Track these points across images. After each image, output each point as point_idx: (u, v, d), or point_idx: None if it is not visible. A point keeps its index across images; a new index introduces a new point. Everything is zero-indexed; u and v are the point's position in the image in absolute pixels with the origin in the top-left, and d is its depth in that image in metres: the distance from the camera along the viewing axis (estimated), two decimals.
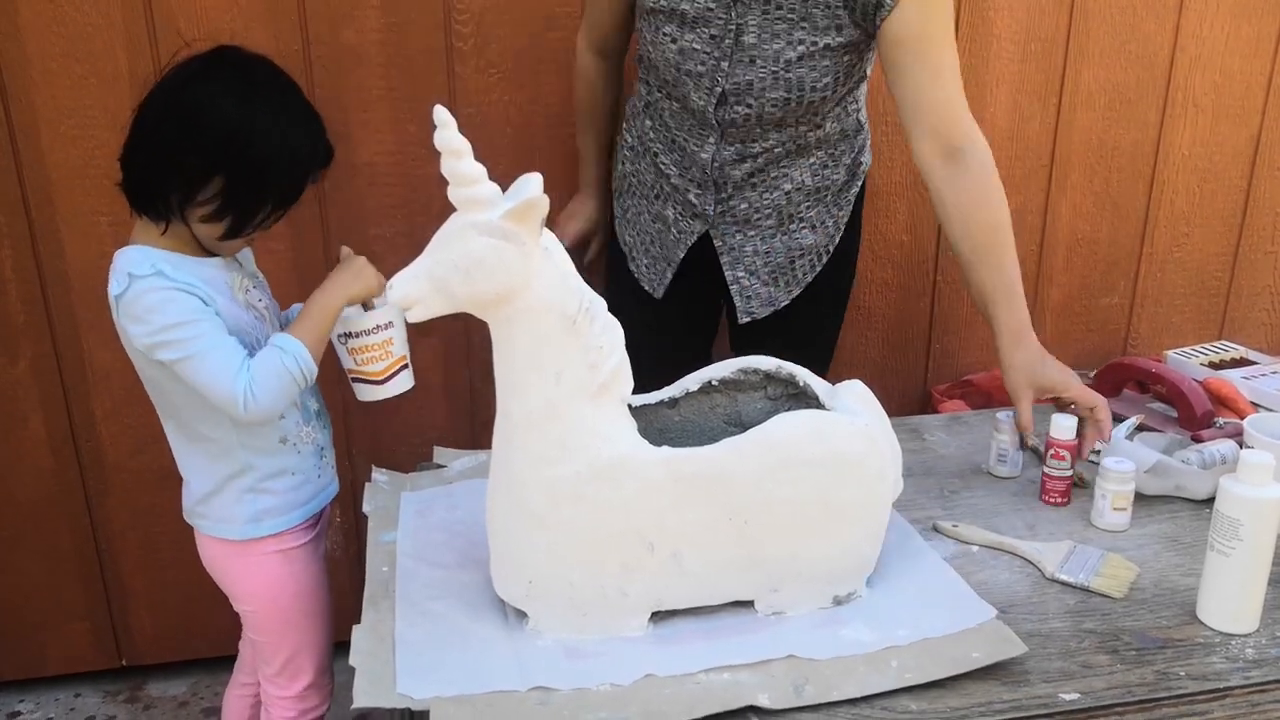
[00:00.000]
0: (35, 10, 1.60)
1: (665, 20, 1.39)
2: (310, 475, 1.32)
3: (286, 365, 1.16)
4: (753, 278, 1.56)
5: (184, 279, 1.15)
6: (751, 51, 1.36)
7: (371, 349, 1.24)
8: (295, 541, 1.33)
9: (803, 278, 1.58)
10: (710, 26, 1.36)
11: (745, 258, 1.55)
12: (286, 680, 1.38)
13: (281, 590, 1.33)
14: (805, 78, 1.37)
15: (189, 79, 1.15)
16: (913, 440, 1.49)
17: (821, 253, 1.58)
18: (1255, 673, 0.98)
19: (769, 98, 1.38)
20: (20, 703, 1.97)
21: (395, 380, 1.26)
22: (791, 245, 1.55)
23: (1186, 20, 2.03)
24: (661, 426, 1.11)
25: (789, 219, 1.53)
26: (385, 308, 1.24)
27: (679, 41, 1.38)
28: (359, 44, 1.73)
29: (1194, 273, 2.24)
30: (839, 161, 1.53)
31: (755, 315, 1.59)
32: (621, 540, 0.99)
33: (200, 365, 1.14)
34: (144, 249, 1.17)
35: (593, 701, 0.92)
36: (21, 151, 1.66)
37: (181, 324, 1.14)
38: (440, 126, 0.90)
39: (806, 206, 1.53)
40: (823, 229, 1.56)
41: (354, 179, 1.79)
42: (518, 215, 0.90)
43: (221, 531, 1.30)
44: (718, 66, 1.38)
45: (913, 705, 0.93)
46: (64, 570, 1.90)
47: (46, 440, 1.82)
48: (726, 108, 1.41)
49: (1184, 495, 1.31)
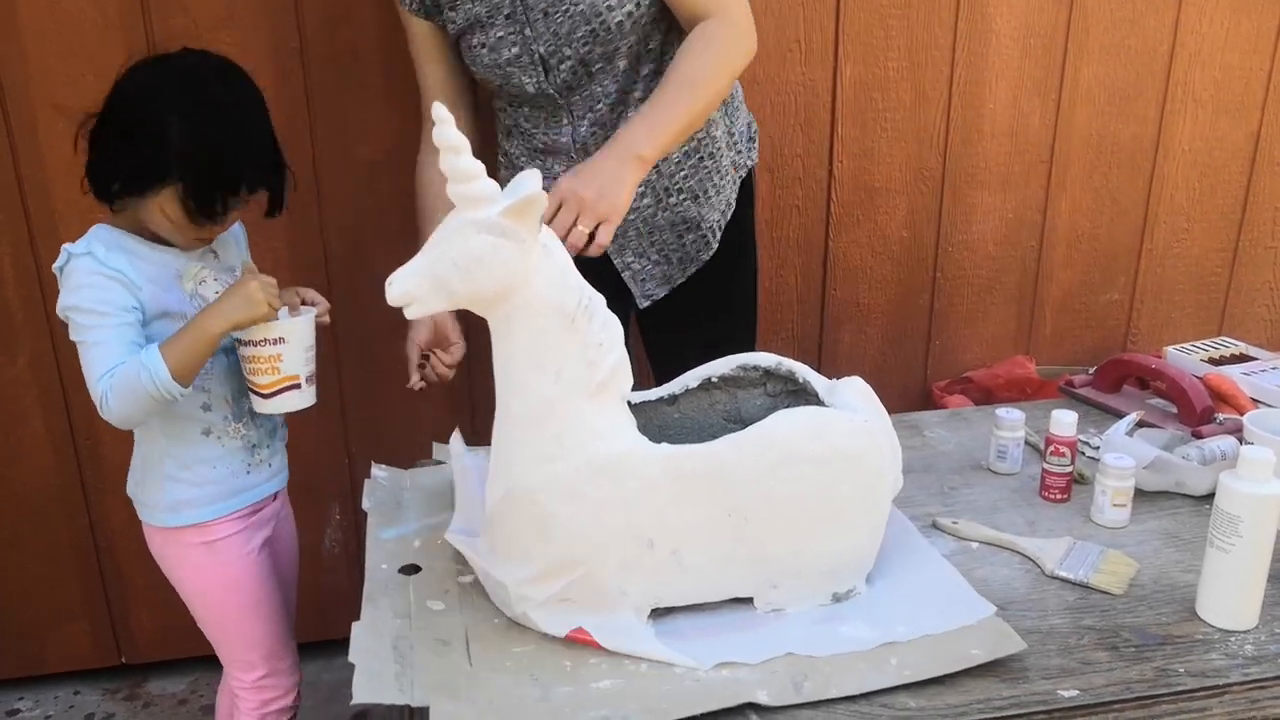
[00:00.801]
0: (33, 6, 1.60)
1: (472, 34, 1.40)
2: (236, 469, 1.31)
3: (141, 378, 1.15)
4: (642, 259, 1.54)
5: (115, 265, 1.17)
6: (541, 6, 1.35)
7: (257, 360, 1.21)
8: (221, 533, 1.32)
9: (697, 254, 1.54)
10: (500, 9, 1.37)
11: (630, 242, 1.52)
12: (240, 670, 1.40)
13: (210, 583, 1.34)
14: (597, 5, 1.34)
15: (136, 73, 1.19)
16: (912, 437, 1.49)
17: (715, 228, 1.54)
18: (1254, 669, 0.98)
19: (577, 37, 1.37)
20: (19, 700, 1.97)
21: (281, 398, 1.23)
22: (676, 220, 1.51)
23: (1186, 15, 2.03)
24: (661, 423, 1.11)
25: (664, 192, 1.49)
26: (283, 322, 1.21)
27: (488, 43, 1.39)
28: (356, 42, 1.73)
29: (1194, 269, 2.23)
30: (715, 123, 1.49)
31: (654, 296, 1.56)
32: (621, 537, 0.99)
33: (84, 355, 1.18)
34: (101, 227, 1.21)
35: (592, 698, 0.92)
36: (19, 148, 1.66)
37: (87, 310, 1.16)
38: (438, 123, 0.89)
39: (683, 176, 1.49)
40: (709, 201, 1.52)
41: (352, 177, 1.79)
42: (516, 212, 0.90)
43: (147, 516, 1.33)
44: (522, 36, 1.38)
45: (911, 702, 0.92)
46: (63, 568, 1.90)
47: (46, 438, 1.82)
48: (554, 74, 1.40)
49: (1184, 491, 1.31)
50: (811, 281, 2.06)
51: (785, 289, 2.04)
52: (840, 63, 1.92)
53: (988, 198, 2.08)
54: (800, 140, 1.95)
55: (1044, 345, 2.22)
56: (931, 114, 2.00)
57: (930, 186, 2.05)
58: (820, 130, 1.96)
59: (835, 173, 1.99)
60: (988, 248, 2.12)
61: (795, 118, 1.94)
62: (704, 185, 1.51)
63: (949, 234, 2.09)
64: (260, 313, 1.18)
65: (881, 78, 1.95)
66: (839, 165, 1.99)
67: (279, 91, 1.71)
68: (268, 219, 1.26)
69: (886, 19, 1.91)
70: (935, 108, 1.99)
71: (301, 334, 1.23)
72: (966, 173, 2.05)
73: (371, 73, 1.74)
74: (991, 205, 2.09)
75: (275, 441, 1.38)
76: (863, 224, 2.04)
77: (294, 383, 1.23)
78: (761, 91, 1.89)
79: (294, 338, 1.22)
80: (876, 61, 1.94)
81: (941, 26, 1.94)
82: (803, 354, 2.07)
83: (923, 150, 2.02)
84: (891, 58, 1.94)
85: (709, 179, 1.51)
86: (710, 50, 1.31)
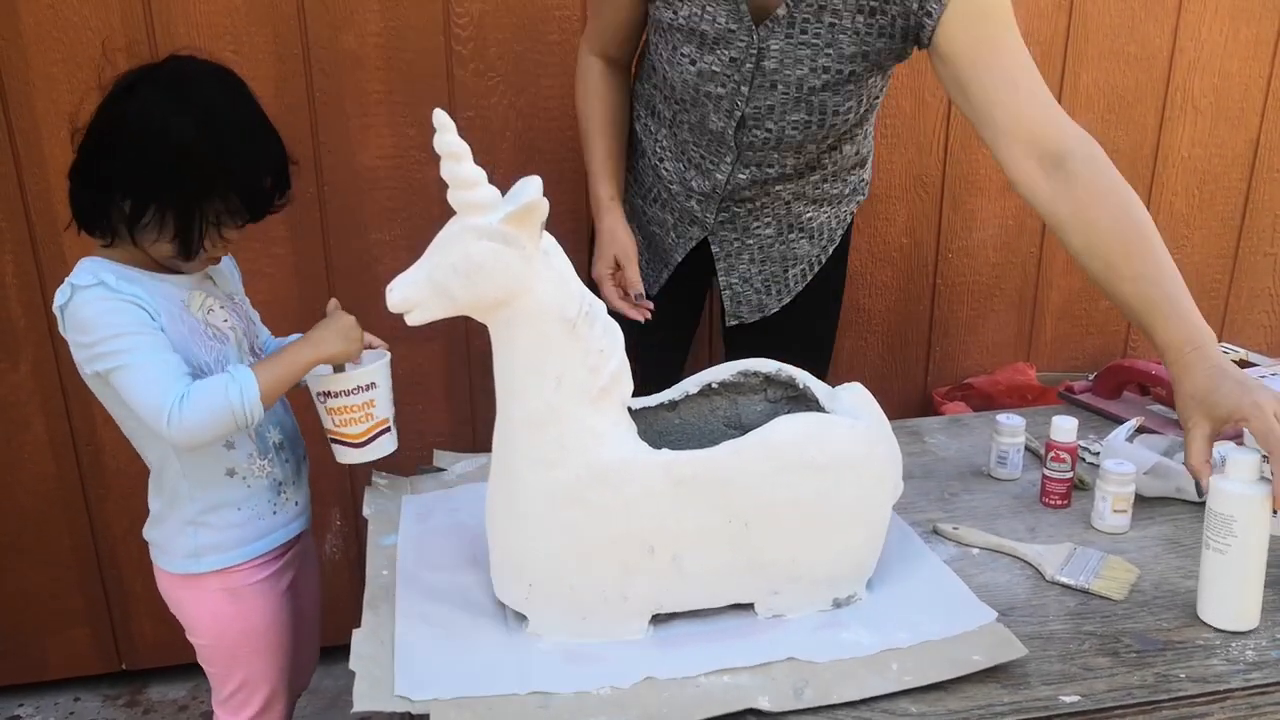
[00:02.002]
0: (36, 16, 1.61)
1: (684, 40, 1.32)
2: (262, 511, 1.26)
3: (229, 392, 1.10)
4: (746, 285, 1.56)
5: (129, 290, 1.11)
6: (773, 76, 1.29)
7: (351, 410, 1.18)
8: (245, 580, 1.27)
9: (794, 286, 1.57)
10: (730, 49, 1.29)
11: (740, 265, 1.54)
12: (233, 709, 1.33)
13: (227, 628, 1.28)
14: (828, 102, 1.31)
15: (119, 97, 1.11)
16: (913, 442, 1.49)
17: (814, 262, 1.57)
18: (1256, 675, 0.97)
19: (790, 120, 1.33)
20: (20, 706, 1.97)
21: (376, 444, 1.21)
22: (787, 254, 1.54)
23: (1185, 22, 2.04)
24: (661, 429, 1.11)
25: (788, 228, 1.51)
26: (372, 366, 1.20)
27: (698, 63, 1.32)
28: (358, 47, 1.73)
29: (1193, 275, 2.23)
30: (843, 178, 1.52)
31: (743, 320, 1.59)
32: (621, 543, 0.99)
33: (133, 376, 1.10)
34: (95, 260, 1.14)
35: (592, 705, 0.92)
36: (22, 156, 1.67)
37: (119, 335, 1.10)
38: (440, 130, 0.90)
39: (809, 217, 1.52)
40: (819, 239, 1.55)
41: (354, 183, 1.79)
42: (518, 219, 0.90)
43: (163, 563, 1.27)
44: (738, 90, 1.32)
45: (912, 708, 0.92)
46: (64, 574, 1.90)
47: (47, 444, 1.82)
48: (745, 131, 1.37)
49: (1184, 497, 1.31)
50: None
51: None
52: None
53: (988, 204, 2.08)
54: None
55: (1044, 351, 2.22)
56: (931, 120, 2.00)
57: (930, 193, 2.05)
58: None
59: None
60: (988, 254, 2.12)
61: None
62: (822, 228, 1.53)
63: (949, 240, 2.09)
64: (355, 349, 1.18)
65: None
66: None
67: (281, 97, 1.72)
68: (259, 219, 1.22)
69: None
70: (935, 114, 2.00)
71: (387, 376, 1.22)
72: (966, 179, 2.05)
73: (374, 79, 1.75)
74: (991, 212, 2.09)
75: (300, 479, 1.34)
76: (863, 231, 2.04)
77: (387, 426, 1.21)
78: None
79: (383, 381, 1.20)
80: None
81: None
82: None
83: (922, 157, 2.02)
84: None
85: (827, 223, 1.53)
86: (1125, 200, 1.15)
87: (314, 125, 1.75)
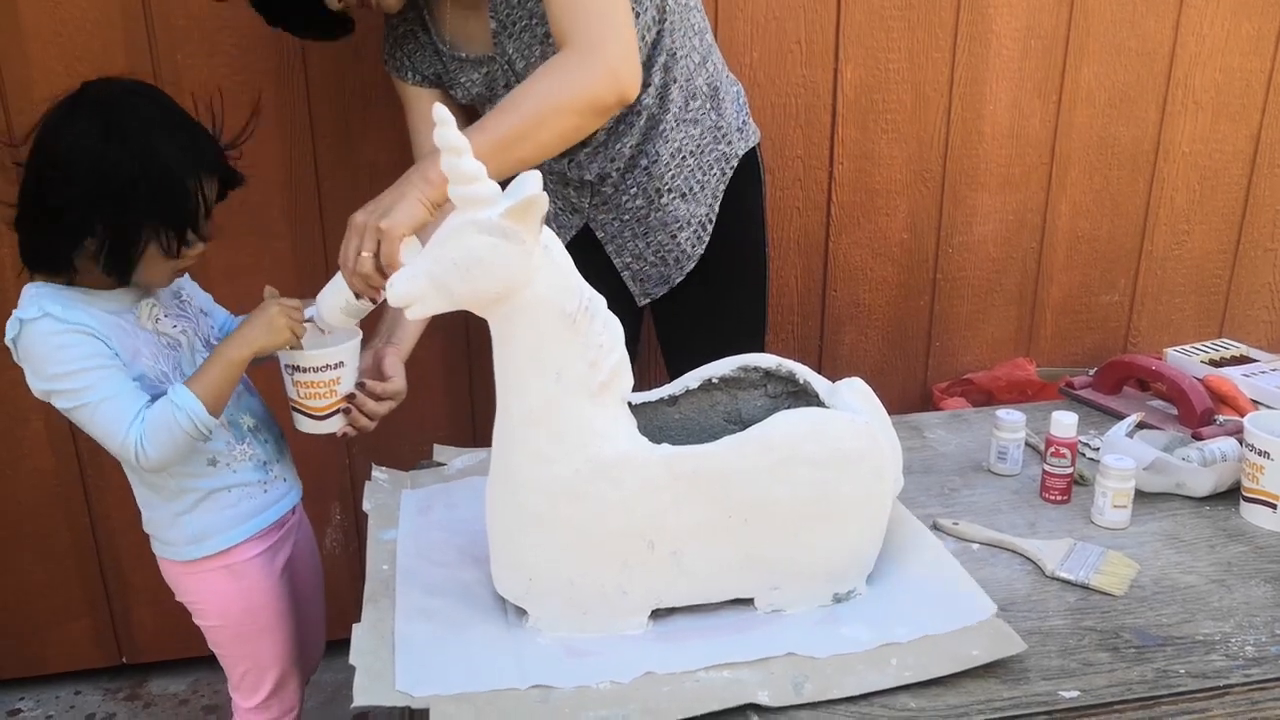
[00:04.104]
0: (35, 9, 1.60)
1: (479, 105, 1.44)
2: (252, 490, 1.29)
3: (178, 420, 1.12)
4: (640, 261, 1.55)
5: (76, 318, 1.11)
6: (526, 73, 1.36)
7: (318, 385, 1.22)
8: (243, 556, 1.30)
9: (692, 250, 1.54)
10: (498, 82, 1.41)
11: (627, 243, 1.54)
12: (246, 692, 1.37)
13: (230, 607, 1.31)
14: None
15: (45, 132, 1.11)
16: (913, 438, 1.49)
17: (704, 221, 1.54)
18: (1255, 671, 0.98)
19: None
20: (20, 700, 1.98)
21: (336, 418, 1.25)
22: (667, 219, 1.51)
23: (1187, 17, 2.03)
24: (661, 424, 1.11)
25: (655, 193, 1.50)
26: (342, 346, 1.22)
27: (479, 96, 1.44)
28: (358, 42, 1.73)
29: (1194, 270, 2.24)
30: (698, 122, 1.49)
31: (653, 296, 1.58)
32: (621, 538, 0.99)
33: (93, 415, 1.12)
34: (38, 287, 1.14)
35: (593, 699, 0.92)
36: (21, 152, 1.66)
37: (73, 373, 1.10)
38: (440, 124, 0.89)
39: (670, 175, 1.49)
40: (695, 197, 1.52)
41: (353, 176, 1.79)
42: (517, 213, 0.90)
43: (165, 553, 1.29)
44: None
45: (912, 703, 0.93)
46: (64, 568, 1.90)
47: (47, 439, 1.82)
48: None
49: (1184, 493, 1.31)
50: (812, 283, 2.06)
51: (786, 290, 2.04)
52: (840, 64, 1.92)
53: (988, 199, 2.08)
54: (800, 142, 1.95)
55: (1044, 347, 2.22)
56: (932, 115, 2.00)
57: (930, 188, 2.05)
58: (820, 132, 1.96)
59: (835, 174, 1.99)
60: (988, 249, 2.12)
61: (795, 119, 1.94)
62: (689, 183, 1.51)
63: (949, 235, 2.09)
64: (283, 339, 1.18)
65: (882, 79, 1.95)
66: (839, 167, 1.99)
67: (280, 95, 1.71)
68: None
69: (887, 20, 1.91)
70: (936, 109, 1.99)
71: (355, 356, 1.25)
72: (967, 174, 2.05)
73: (373, 76, 1.74)
74: (992, 207, 2.09)
75: (284, 454, 1.36)
76: (863, 225, 2.04)
77: (345, 405, 1.25)
78: (762, 92, 1.89)
79: (350, 360, 1.24)
80: (877, 63, 1.94)
81: (942, 28, 1.94)
82: (803, 355, 2.07)
83: (923, 151, 2.02)
84: (892, 59, 1.94)
85: (693, 176, 1.51)
86: (544, 79, 1.20)
87: (313, 122, 1.75)
